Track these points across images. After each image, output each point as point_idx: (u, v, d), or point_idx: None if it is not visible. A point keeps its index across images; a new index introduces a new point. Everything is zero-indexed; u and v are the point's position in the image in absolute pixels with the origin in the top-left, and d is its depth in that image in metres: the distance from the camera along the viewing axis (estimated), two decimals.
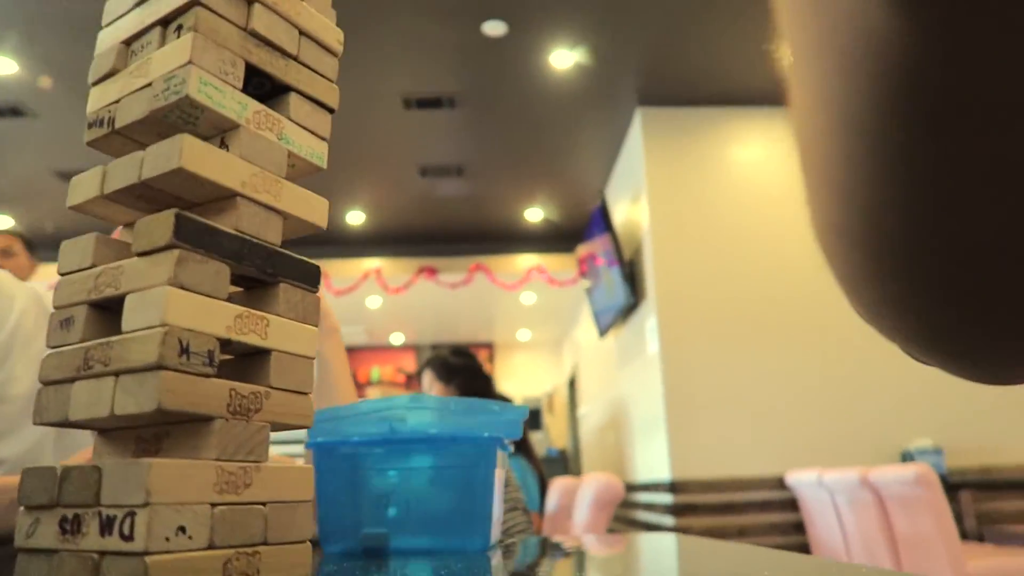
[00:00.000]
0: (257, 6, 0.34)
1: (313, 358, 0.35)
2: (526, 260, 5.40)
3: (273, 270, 0.34)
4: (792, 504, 3.33)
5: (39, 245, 2.38)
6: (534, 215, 5.13)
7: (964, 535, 2.66)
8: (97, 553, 0.27)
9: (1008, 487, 3.17)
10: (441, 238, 5.37)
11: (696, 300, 3.58)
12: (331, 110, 0.38)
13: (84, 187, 0.33)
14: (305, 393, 0.34)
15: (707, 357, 3.48)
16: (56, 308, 0.33)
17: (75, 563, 0.28)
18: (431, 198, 4.76)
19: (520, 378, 7.77)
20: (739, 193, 3.72)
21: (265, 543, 0.31)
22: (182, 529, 0.27)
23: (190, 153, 0.30)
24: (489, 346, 7.92)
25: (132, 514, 0.27)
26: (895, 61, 0.12)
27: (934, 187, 0.14)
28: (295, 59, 0.36)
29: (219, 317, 0.31)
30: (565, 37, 3.32)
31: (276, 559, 0.31)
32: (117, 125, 0.33)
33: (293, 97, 0.36)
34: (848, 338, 3.52)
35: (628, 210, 4.16)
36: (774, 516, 3.27)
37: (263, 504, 0.31)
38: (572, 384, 7.13)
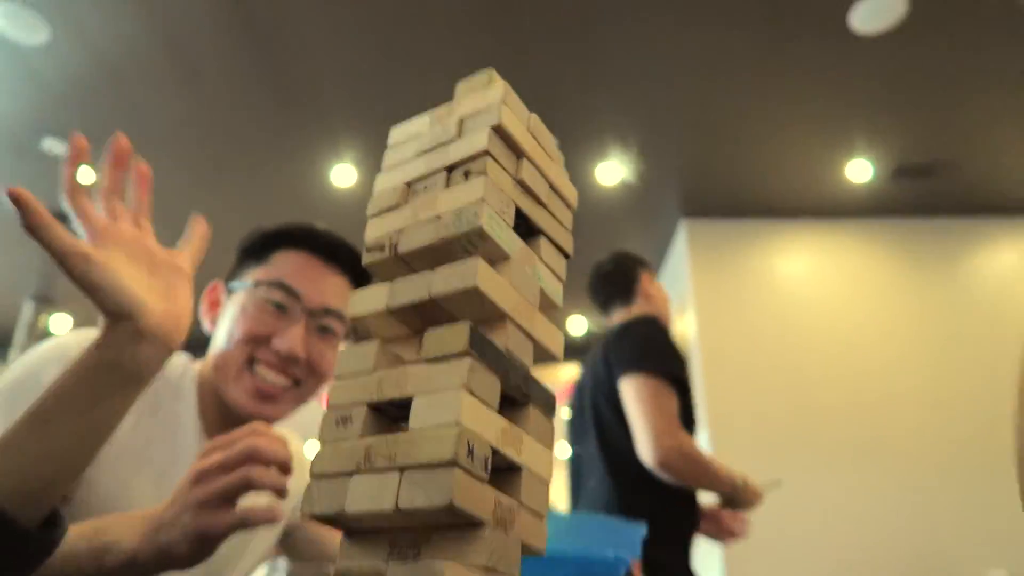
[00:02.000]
0: (524, 160, 0.40)
1: (550, 482, 0.36)
2: (569, 371, 5.29)
3: (527, 391, 0.36)
4: None
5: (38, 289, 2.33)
6: (577, 326, 5.10)
7: None
8: None
9: None
10: None
11: (748, 414, 3.42)
12: (567, 256, 0.42)
13: (369, 300, 0.37)
14: (543, 517, 0.35)
15: (761, 476, 3.25)
16: (332, 407, 0.35)
17: None
18: None
19: (557, 493, 7.30)
20: (787, 306, 3.68)
21: None
22: None
23: (484, 275, 0.34)
24: None
25: None
26: None
27: None
28: (545, 207, 0.41)
29: (493, 426, 0.32)
30: (611, 152, 3.50)
31: None
32: (400, 250, 0.38)
33: (543, 240, 0.41)
34: (915, 457, 3.27)
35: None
36: None
37: None
38: None
